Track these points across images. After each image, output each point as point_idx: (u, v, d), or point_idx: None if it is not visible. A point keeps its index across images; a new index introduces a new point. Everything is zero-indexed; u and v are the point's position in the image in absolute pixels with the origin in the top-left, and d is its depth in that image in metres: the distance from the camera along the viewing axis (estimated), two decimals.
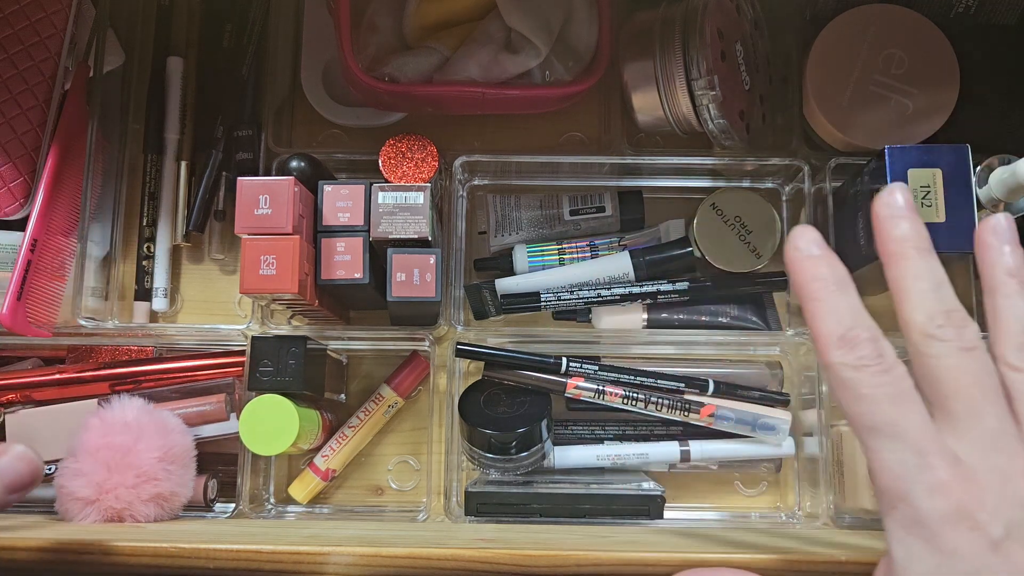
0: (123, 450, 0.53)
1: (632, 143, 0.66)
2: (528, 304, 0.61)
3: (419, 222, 0.56)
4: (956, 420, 0.30)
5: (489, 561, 0.37)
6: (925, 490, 0.29)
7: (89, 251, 0.62)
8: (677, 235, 0.64)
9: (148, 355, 0.63)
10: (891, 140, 0.56)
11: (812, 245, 0.32)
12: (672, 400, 0.59)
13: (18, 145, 0.59)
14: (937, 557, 0.28)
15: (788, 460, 0.63)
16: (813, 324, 0.32)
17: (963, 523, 0.28)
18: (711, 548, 0.39)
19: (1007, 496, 0.29)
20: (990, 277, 0.34)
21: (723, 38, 0.59)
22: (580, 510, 0.56)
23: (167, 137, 0.65)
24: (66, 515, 0.53)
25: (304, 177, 0.57)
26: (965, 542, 0.28)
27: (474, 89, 0.59)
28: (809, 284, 0.32)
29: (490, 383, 0.59)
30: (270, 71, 0.65)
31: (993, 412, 0.30)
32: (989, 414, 0.30)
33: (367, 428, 0.63)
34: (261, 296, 0.54)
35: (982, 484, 0.29)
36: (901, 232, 0.33)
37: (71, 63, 0.61)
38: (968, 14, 0.63)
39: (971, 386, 0.30)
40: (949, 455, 0.29)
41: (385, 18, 0.60)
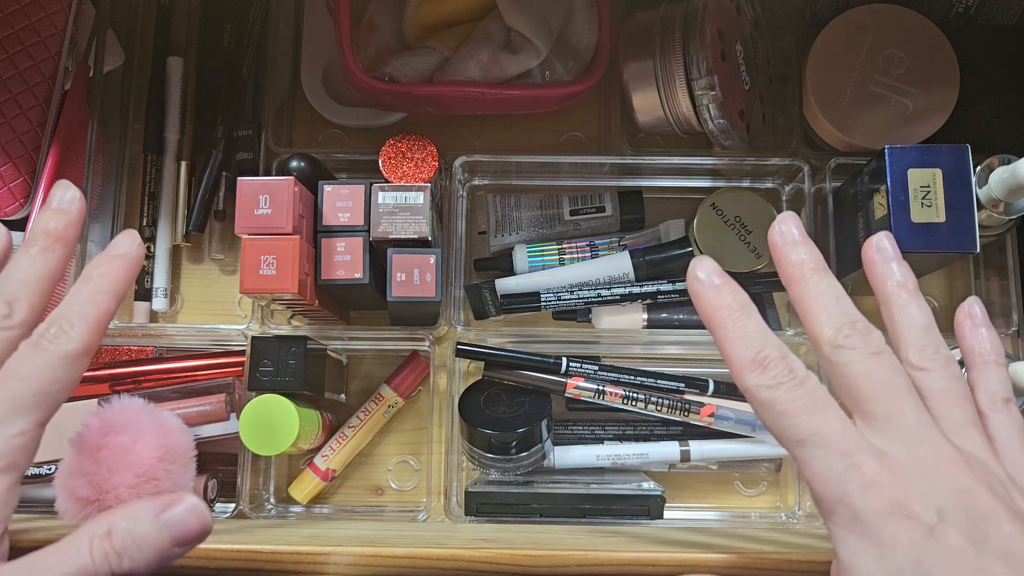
0: (123, 450, 0.53)
1: (632, 143, 0.66)
2: (528, 304, 0.61)
3: (419, 222, 0.56)
4: (876, 420, 0.32)
5: (489, 561, 0.37)
6: (857, 488, 0.30)
7: (89, 251, 0.62)
8: (677, 235, 0.64)
9: (148, 355, 0.63)
10: (891, 140, 0.56)
11: (712, 275, 0.34)
12: (672, 400, 0.59)
13: (18, 145, 0.59)
14: (878, 551, 0.29)
15: (788, 460, 0.63)
16: (724, 351, 0.33)
17: (897, 514, 0.29)
18: (711, 548, 0.39)
19: (935, 483, 0.30)
20: (882, 290, 0.36)
21: (723, 38, 0.59)
22: (580, 510, 0.56)
23: (167, 137, 0.65)
24: (66, 515, 0.53)
25: (304, 177, 0.57)
26: (902, 532, 0.29)
27: (474, 89, 0.59)
28: (715, 313, 0.33)
29: (490, 383, 0.59)
30: (270, 71, 0.65)
31: (909, 407, 0.32)
32: (906, 409, 0.31)
33: (367, 428, 0.63)
34: (261, 296, 0.54)
35: (910, 475, 0.30)
36: (797, 257, 0.35)
37: (71, 63, 0.61)
38: (968, 14, 0.63)
39: (885, 386, 0.32)
40: (874, 452, 0.30)
41: (385, 18, 0.60)
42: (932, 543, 0.29)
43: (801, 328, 0.62)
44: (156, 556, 0.32)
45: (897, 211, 0.53)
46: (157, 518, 0.33)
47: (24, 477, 0.59)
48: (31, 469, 0.59)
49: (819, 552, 0.39)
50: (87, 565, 0.31)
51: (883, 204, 0.54)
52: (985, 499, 0.29)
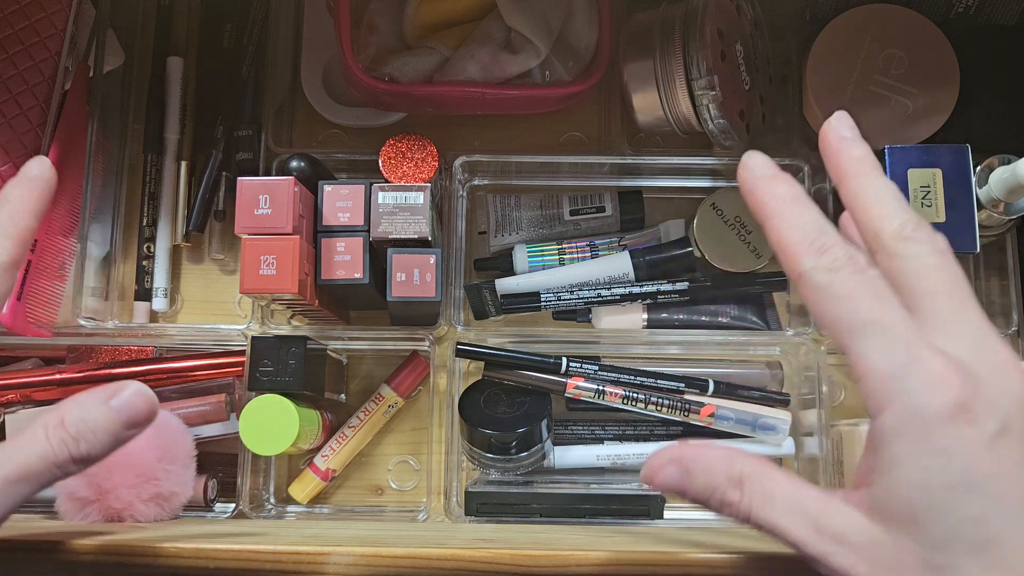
0: (123, 450, 0.53)
1: (632, 143, 0.66)
2: (528, 304, 0.61)
3: (419, 222, 0.56)
4: (939, 317, 0.29)
5: (489, 561, 0.37)
6: (919, 385, 0.27)
7: (89, 251, 0.62)
8: (677, 235, 0.64)
9: (148, 355, 0.63)
10: (891, 140, 0.56)
11: (764, 167, 0.32)
12: (672, 400, 0.58)
13: (18, 145, 0.59)
14: (927, 457, 0.27)
15: (788, 460, 0.63)
16: (779, 237, 0.30)
17: (960, 417, 0.27)
18: (711, 548, 0.39)
19: (1003, 389, 0.28)
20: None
21: (723, 38, 0.59)
22: (580, 510, 0.56)
23: (167, 137, 0.65)
24: (66, 515, 0.53)
25: (304, 177, 0.57)
26: (959, 438, 0.27)
27: (474, 89, 0.59)
28: (768, 202, 0.31)
29: (490, 383, 0.59)
30: (270, 71, 0.65)
31: (976, 309, 0.30)
32: (973, 310, 0.29)
33: (367, 428, 0.63)
34: (261, 296, 0.54)
35: (978, 379, 0.28)
36: (859, 153, 0.33)
37: (71, 63, 0.61)
38: (968, 14, 0.63)
39: (954, 283, 0.30)
40: (938, 350, 0.28)
41: (385, 18, 0.60)
42: (988, 456, 0.27)
43: (802, 328, 0.62)
44: (111, 440, 0.34)
45: None
46: (106, 404, 0.34)
47: None
48: None
49: None
50: (47, 450, 0.33)
51: None
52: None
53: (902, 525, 0.27)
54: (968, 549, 0.27)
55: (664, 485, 0.32)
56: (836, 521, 0.29)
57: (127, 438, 0.35)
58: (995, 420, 0.27)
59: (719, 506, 0.31)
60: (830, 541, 0.28)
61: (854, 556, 0.28)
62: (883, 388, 0.28)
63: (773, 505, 0.30)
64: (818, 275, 0.29)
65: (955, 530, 0.27)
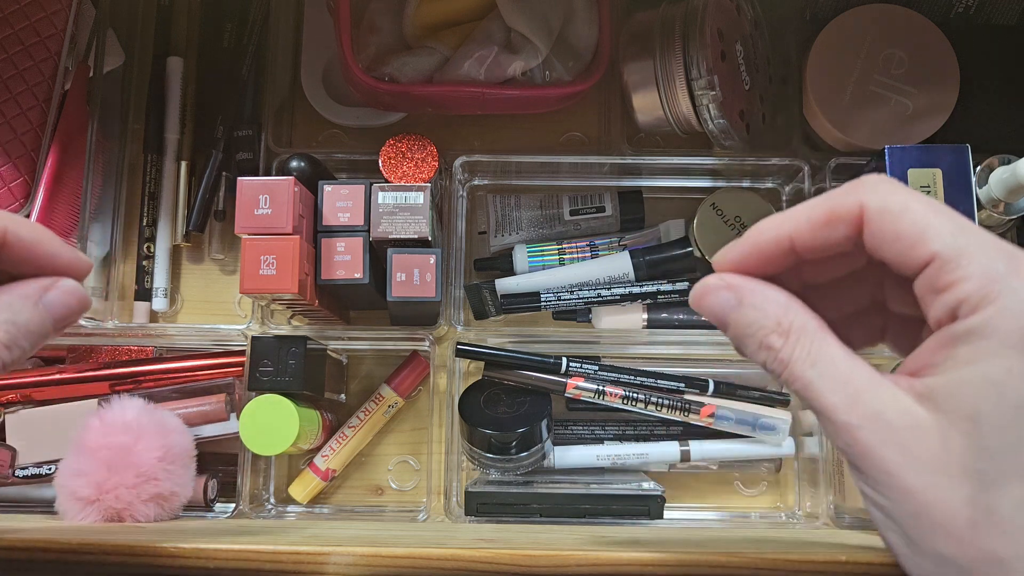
0: (123, 450, 0.53)
1: (632, 143, 0.66)
2: (528, 304, 0.61)
3: (419, 222, 0.56)
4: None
5: (489, 561, 0.37)
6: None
7: (89, 251, 0.62)
8: (677, 235, 0.64)
9: (148, 355, 0.63)
10: (891, 140, 0.56)
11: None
12: (672, 400, 0.58)
13: (18, 145, 0.59)
14: (1018, 361, 0.25)
15: (788, 460, 0.63)
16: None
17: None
18: (711, 548, 0.39)
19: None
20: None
21: (723, 38, 0.59)
22: (580, 510, 0.56)
23: (167, 137, 0.65)
24: (66, 515, 0.53)
25: (304, 177, 0.57)
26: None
27: (474, 89, 0.59)
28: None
29: (490, 383, 0.59)
30: (270, 71, 0.65)
31: None
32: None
33: (367, 428, 0.63)
34: (261, 296, 0.54)
35: None
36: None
37: (71, 63, 0.61)
38: (968, 14, 0.63)
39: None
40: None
41: (385, 18, 0.60)
42: None
43: None
44: (40, 340, 0.32)
45: None
46: (37, 305, 0.32)
47: (24, 477, 0.60)
48: (31, 469, 0.59)
49: (819, 552, 0.39)
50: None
51: None
52: None
53: (958, 421, 0.26)
54: (1021, 465, 0.25)
55: (711, 308, 0.31)
56: (879, 397, 0.27)
57: (57, 335, 0.33)
58: None
59: (756, 349, 0.29)
60: (864, 414, 0.27)
61: (885, 435, 0.26)
62: (988, 286, 0.26)
63: (814, 363, 0.28)
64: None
65: (1017, 442, 0.25)
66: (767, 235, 0.30)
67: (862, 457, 0.27)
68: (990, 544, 0.25)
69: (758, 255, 0.30)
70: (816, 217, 0.29)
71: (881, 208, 0.28)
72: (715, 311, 0.30)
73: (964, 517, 0.26)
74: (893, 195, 0.28)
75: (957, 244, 0.26)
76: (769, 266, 0.30)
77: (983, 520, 0.25)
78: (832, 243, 0.29)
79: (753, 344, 0.29)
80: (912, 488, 0.26)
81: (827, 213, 0.29)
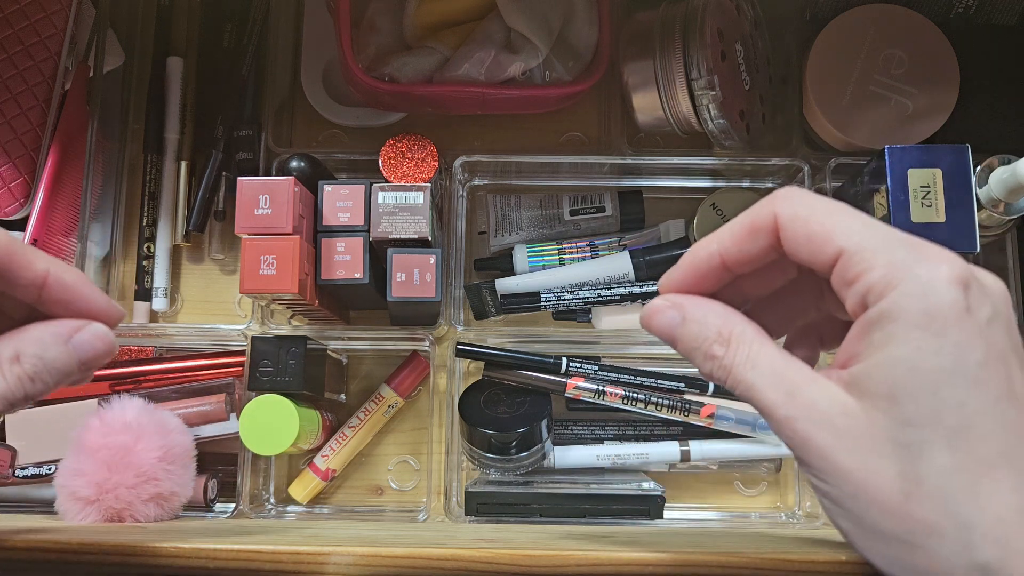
0: (123, 450, 0.53)
1: (632, 143, 0.66)
2: (528, 304, 0.61)
3: (419, 222, 0.56)
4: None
5: (489, 561, 0.37)
6: (928, 266, 0.28)
7: (89, 251, 0.62)
8: (677, 235, 0.64)
9: (148, 355, 0.63)
10: (891, 140, 0.56)
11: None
12: (672, 400, 0.58)
13: (18, 145, 0.59)
14: (922, 338, 0.27)
15: (788, 460, 0.63)
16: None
17: (959, 301, 0.28)
18: (711, 548, 0.39)
19: (992, 280, 0.29)
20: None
21: (723, 38, 0.59)
22: (580, 510, 0.56)
23: (167, 137, 0.65)
24: (66, 515, 0.53)
25: (304, 177, 0.57)
26: (956, 322, 0.28)
27: (474, 89, 0.59)
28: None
29: (490, 383, 0.59)
30: (270, 71, 0.65)
31: None
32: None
33: (367, 428, 0.63)
34: (261, 296, 0.54)
35: (970, 267, 0.29)
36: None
37: (71, 63, 0.61)
38: (968, 14, 0.63)
39: None
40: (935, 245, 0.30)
41: (385, 18, 0.60)
42: (980, 343, 0.28)
43: None
44: (64, 380, 0.33)
45: (897, 211, 0.53)
46: (66, 344, 0.33)
47: (24, 477, 0.60)
48: (31, 469, 0.59)
49: (819, 552, 0.39)
50: (2, 387, 0.31)
51: (883, 204, 0.54)
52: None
53: (879, 401, 0.28)
54: (941, 433, 0.27)
55: (659, 328, 0.33)
56: (812, 390, 0.29)
57: (82, 380, 0.34)
58: (988, 307, 0.28)
59: (703, 359, 0.31)
60: (800, 407, 0.29)
61: (819, 423, 0.29)
62: (890, 273, 0.28)
63: (754, 366, 0.30)
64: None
65: (933, 412, 0.27)
66: (700, 255, 0.32)
67: (802, 446, 0.29)
68: (922, 513, 0.27)
69: (695, 274, 0.33)
70: (738, 232, 0.32)
71: (792, 215, 0.30)
72: (663, 329, 0.33)
73: (896, 490, 0.27)
74: (801, 202, 0.30)
75: (862, 239, 0.29)
76: (707, 284, 0.33)
77: (914, 491, 0.27)
78: (756, 254, 0.31)
79: (700, 356, 0.32)
80: (847, 468, 0.28)
81: (747, 227, 0.31)
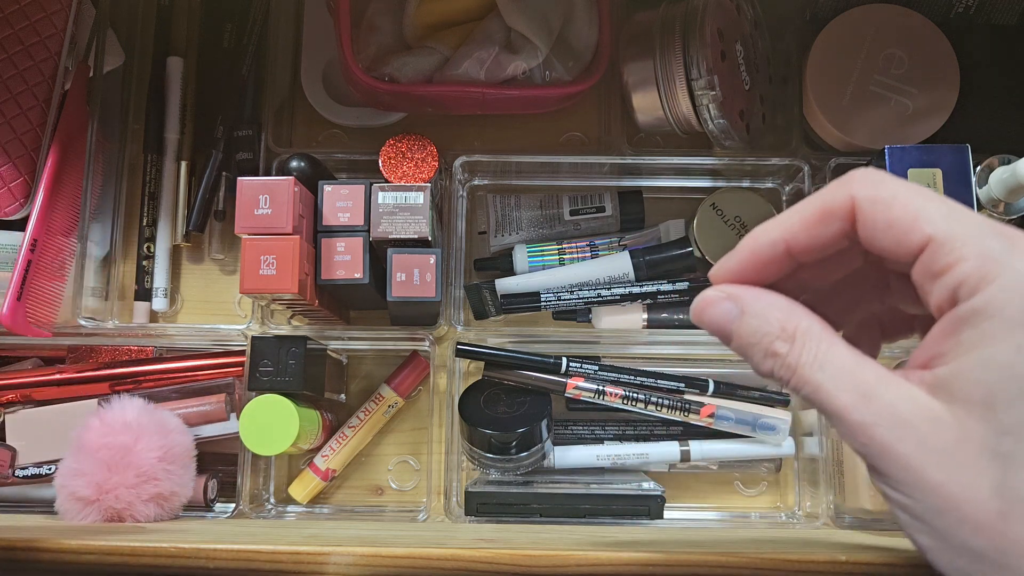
0: (123, 450, 0.53)
1: (632, 143, 0.66)
2: (528, 304, 0.61)
3: (419, 222, 0.56)
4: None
5: (489, 561, 0.37)
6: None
7: (89, 251, 0.62)
8: (677, 235, 0.64)
9: (148, 355, 0.63)
10: (891, 140, 0.56)
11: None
12: (672, 400, 0.58)
13: (18, 145, 0.59)
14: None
15: (788, 460, 0.63)
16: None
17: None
18: (711, 548, 0.39)
19: None
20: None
21: (723, 38, 0.59)
22: (580, 510, 0.56)
23: (167, 137, 0.65)
24: (66, 515, 0.53)
25: (304, 177, 0.57)
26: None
27: (474, 89, 0.59)
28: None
29: (490, 383, 0.59)
30: (270, 71, 0.65)
31: None
32: None
33: (367, 428, 0.63)
34: (261, 296, 0.54)
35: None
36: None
37: (71, 63, 0.61)
38: (968, 14, 0.63)
39: None
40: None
41: (385, 18, 0.60)
42: None
43: None
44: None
45: None
46: None
47: (24, 477, 0.60)
48: (31, 469, 0.59)
49: (819, 552, 0.39)
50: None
51: None
52: None
53: (972, 407, 0.25)
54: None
55: (713, 322, 0.30)
56: (890, 392, 0.26)
57: None
58: None
59: (762, 357, 0.29)
60: (878, 412, 0.26)
61: (901, 431, 0.26)
62: (984, 266, 0.25)
63: (822, 366, 0.27)
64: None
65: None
66: (762, 241, 0.30)
67: (880, 456, 0.26)
68: (1019, 532, 0.25)
69: (755, 263, 0.30)
70: (809, 216, 0.29)
71: (872, 198, 0.27)
72: (718, 323, 0.30)
73: (992, 507, 0.25)
74: (882, 185, 0.28)
75: (951, 226, 0.26)
76: (767, 273, 0.30)
77: (1012, 508, 0.25)
78: (827, 241, 0.29)
79: (759, 353, 0.29)
80: (935, 483, 0.25)
81: (819, 210, 0.29)
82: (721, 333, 0.30)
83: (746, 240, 0.30)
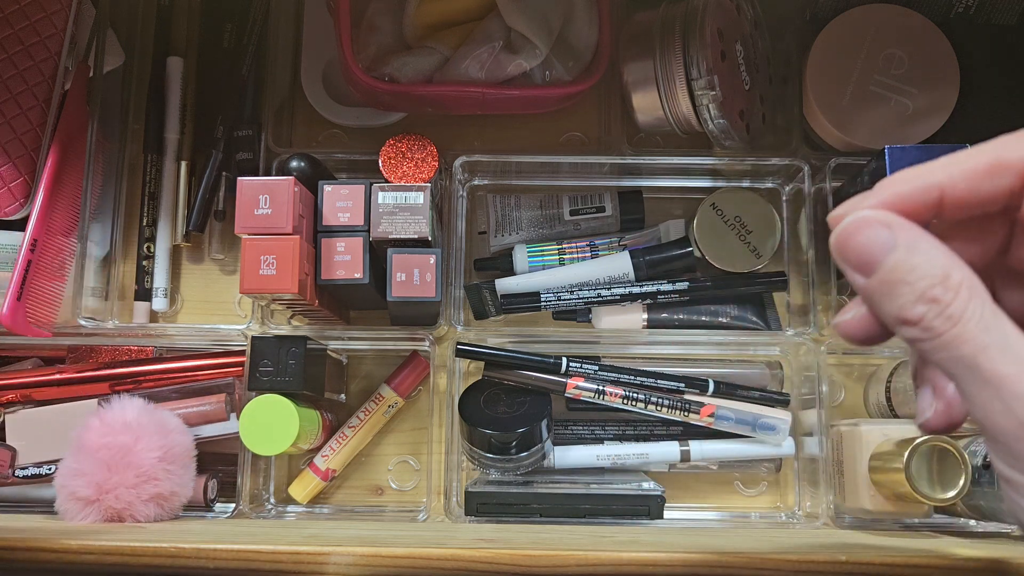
0: (123, 450, 0.53)
1: (632, 143, 0.66)
2: (528, 304, 0.61)
3: (419, 222, 0.56)
4: None
5: (489, 561, 0.37)
6: None
7: (89, 251, 0.62)
8: (677, 235, 0.64)
9: (148, 355, 0.63)
10: (891, 140, 0.56)
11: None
12: (672, 400, 0.59)
13: (18, 145, 0.59)
14: None
15: (788, 460, 0.63)
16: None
17: None
18: (711, 548, 0.39)
19: None
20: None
21: (723, 38, 0.59)
22: (580, 510, 0.56)
23: (167, 137, 0.65)
24: (66, 515, 0.53)
25: (304, 177, 0.57)
26: None
27: (474, 89, 0.59)
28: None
29: (490, 383, 0.59)
30: (270, 71, 0.65)
31: None
32: None
33: (367, 428, 0.63)
34: (261, 296, 0.54)
35: None
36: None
37: (71, 63, 0.61)
38: (968, 14, 0.63)
39: None
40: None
41: (385, 18, 0.60)
42: None
43: (802, 328, 0.62)
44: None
45: None
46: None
47: (24, 477, 0.60)
48: (31, 469, 0.59)
49: (819, 552, 0.39)
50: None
51: None
52: None
53: None
54: None
55: (862, 246, 0.25)
56: None
57: None
58: None
59: (914, 300, 0.24)
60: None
61: None
62: None
63: (987, 328, 0.24)
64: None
65: None
66: (915, 183, 0.26)
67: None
68: None
69: (899, 207, 0.26)
70: (975, 166, 0.25)
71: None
72: (866, 249, 0.25)
73: None
74: None
75: None
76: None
77: None
78: (988, 197, 0.25)
79: (910, 294, 0.24)
80: None
81: (989, 163, 0.25)
82: (865, 263, 0.25)
83: (888, 182, 0.26)
